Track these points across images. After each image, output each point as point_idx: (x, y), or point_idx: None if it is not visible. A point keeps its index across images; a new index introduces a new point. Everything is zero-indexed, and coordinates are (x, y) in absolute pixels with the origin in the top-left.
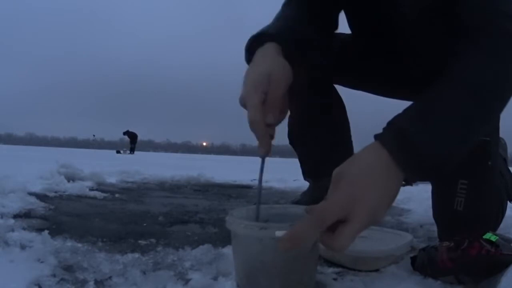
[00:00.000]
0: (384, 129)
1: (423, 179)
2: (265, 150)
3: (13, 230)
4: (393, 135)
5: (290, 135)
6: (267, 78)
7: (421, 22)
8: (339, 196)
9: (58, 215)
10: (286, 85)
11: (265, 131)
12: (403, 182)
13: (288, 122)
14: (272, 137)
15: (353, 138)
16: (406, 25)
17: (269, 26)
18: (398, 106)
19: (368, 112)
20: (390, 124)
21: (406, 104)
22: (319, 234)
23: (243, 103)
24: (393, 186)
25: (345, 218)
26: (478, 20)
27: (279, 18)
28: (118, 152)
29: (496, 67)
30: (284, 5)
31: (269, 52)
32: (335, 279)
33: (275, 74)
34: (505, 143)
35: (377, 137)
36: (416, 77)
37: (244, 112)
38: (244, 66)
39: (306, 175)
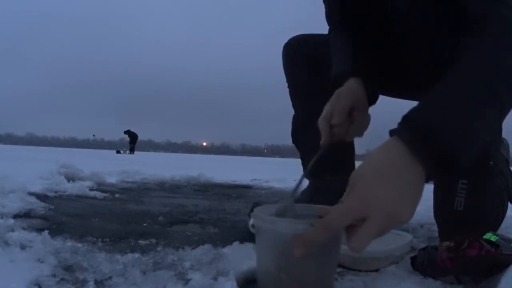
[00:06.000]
0: (399, 123)
1: (443, 173)
2: (323, 141)
3: (13, 230)
4: (411, 129)
5: (293, 134)
6: (337, 95)
7: (422, 15)
8: (349, 203)
9: (58, 215)
10: (350, 99)
11: (326, 128)
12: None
13: (292, 121)
14: (334, 135)
15: None
16: (406, 18)
17: (342, 63)
18: (396, 104)
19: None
20: (407, 118)
21: (406, 102)
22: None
23: None
24: (414, 183)
25: (363, 219)
26: (485, 9)
27: (344, 51)
28: (118, 152)
29: (508, 56)
30: (339, 39)
31: (349, 82)
32: (335, 279)
33: (342, 93)
34: (507, 144)
35: (393, 132)
36: (417, 74)
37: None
38: (244, 67)
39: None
